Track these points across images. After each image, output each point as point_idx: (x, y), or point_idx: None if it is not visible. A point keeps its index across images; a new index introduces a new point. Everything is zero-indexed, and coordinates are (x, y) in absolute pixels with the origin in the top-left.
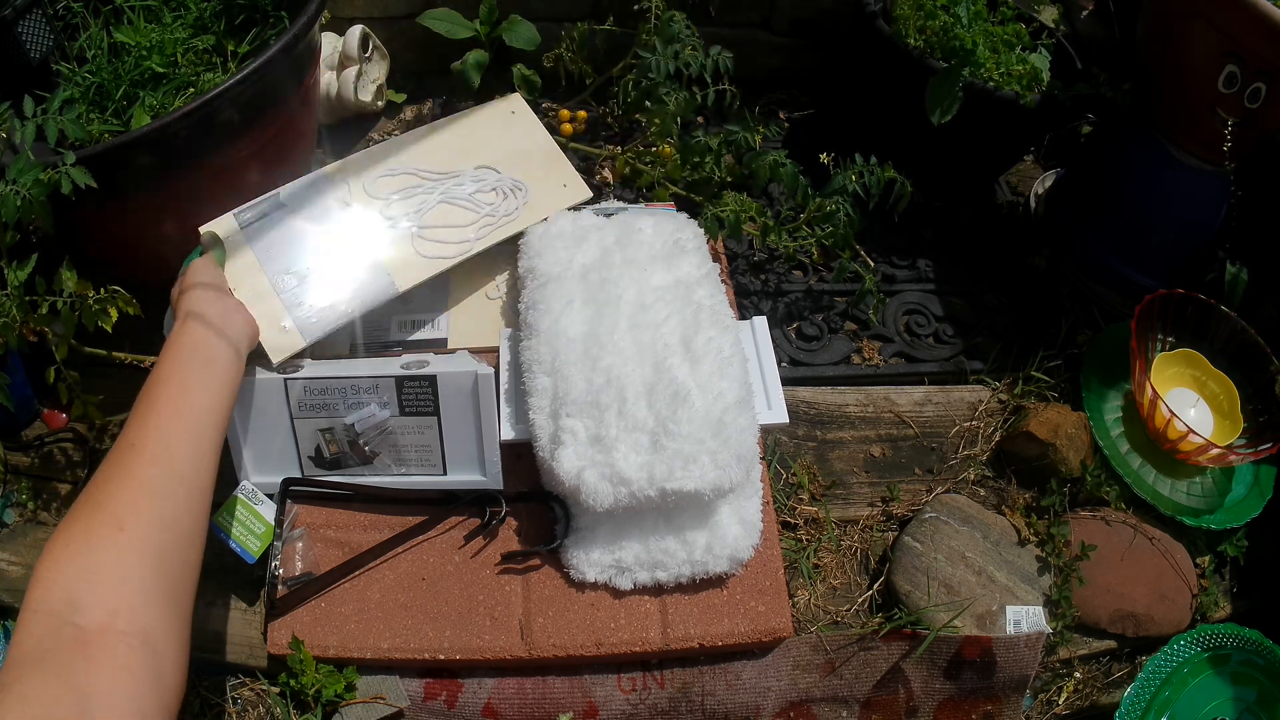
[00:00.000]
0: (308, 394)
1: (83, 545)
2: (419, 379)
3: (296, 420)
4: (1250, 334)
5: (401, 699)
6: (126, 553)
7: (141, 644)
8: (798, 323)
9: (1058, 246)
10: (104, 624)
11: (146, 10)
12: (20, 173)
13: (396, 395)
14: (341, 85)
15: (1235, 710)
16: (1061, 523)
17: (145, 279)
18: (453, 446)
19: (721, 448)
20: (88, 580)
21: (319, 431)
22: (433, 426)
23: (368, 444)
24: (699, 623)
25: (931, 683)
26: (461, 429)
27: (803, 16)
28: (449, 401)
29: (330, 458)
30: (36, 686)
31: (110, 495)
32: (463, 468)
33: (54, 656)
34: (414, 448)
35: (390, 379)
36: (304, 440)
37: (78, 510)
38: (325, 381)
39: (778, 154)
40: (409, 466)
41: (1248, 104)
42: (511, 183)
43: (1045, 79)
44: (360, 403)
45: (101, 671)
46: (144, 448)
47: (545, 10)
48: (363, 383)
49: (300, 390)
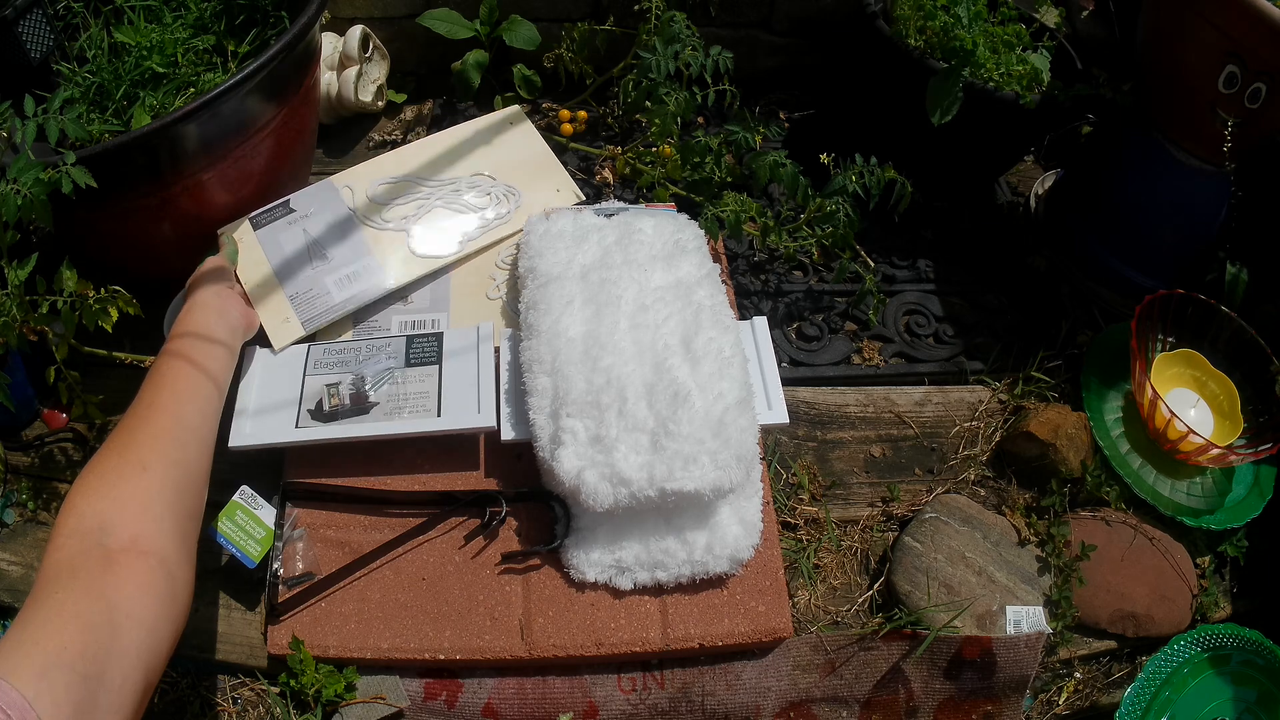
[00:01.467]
0: (327, 354)
1: (114, 479)
2: (427, 336)
3: (308, 378)
4: (1250, 334)
5: (401, 699)
6: (149, 488)
7: (159, 564)
8: (798, 323)
9: (1058, 246)
10: (128, 546)
11: (147, 10)
12: (21, 172)
13: (405, 350)
14: (341, 85)
15: (1235, 710)
16: (1061, 523)
17: (145, 279)
18: (450, 392)
19: (722, 448)
20: (118, 509)
21: (325, 386)
22: (433, 375)
23: (371, 392)
24: (699, 623)
25: (931, 683)
26: (461, 376)
27: (803, 16)
28: (452, 352)
29: (328, 410)
30: (72, 594)
31: (135, 441)
32: (458, 409)
33: (85, 571)
34: (413, 395)
35: (402, 339)
36: (308, 396)
37: (108, 451)
38: (344, 344)
39: (778, 154)
40: (405, 413)
41: (1248, 104)
42: (505, 189)
43: (1045, 79)
44: (374, 359)
45: (126, 585)
46: (161, 405)
47: (545, 10)
48: (378, 343)
49: (320, 352)
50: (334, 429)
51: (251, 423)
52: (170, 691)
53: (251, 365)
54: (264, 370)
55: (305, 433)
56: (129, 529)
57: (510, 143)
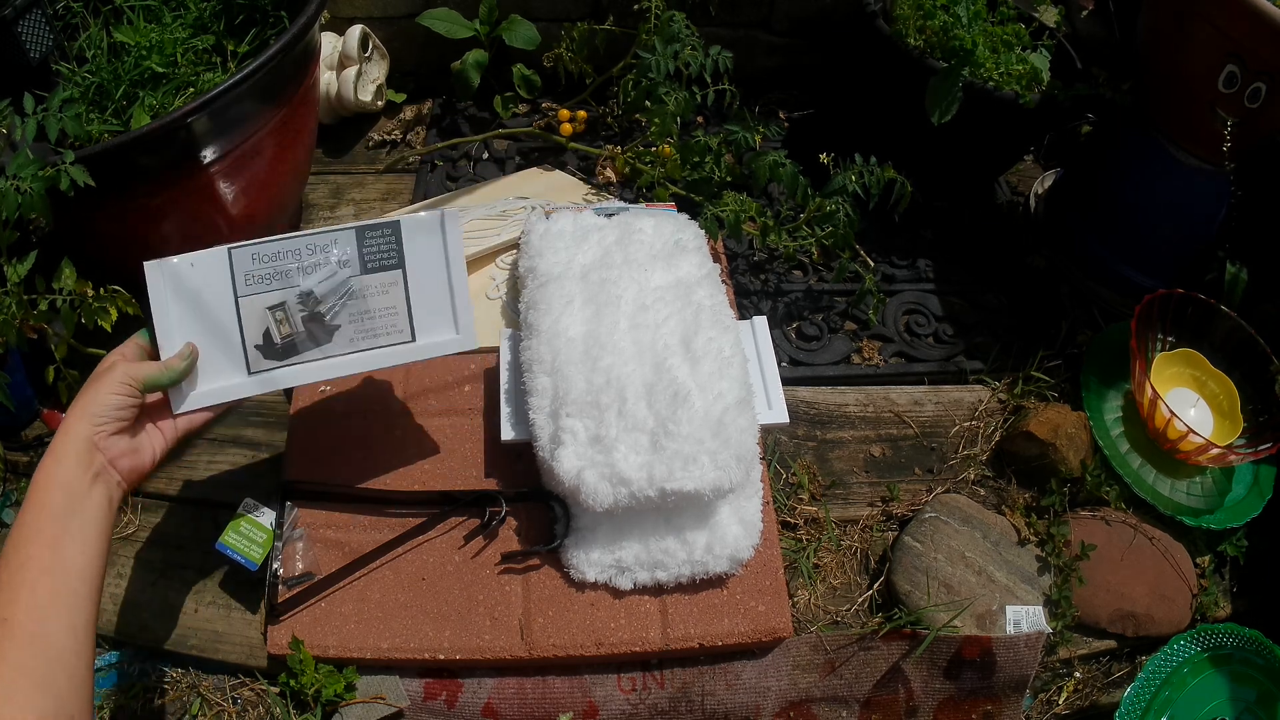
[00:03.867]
0: (256, 263)
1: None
2: (380, 227)
3: (242, 300)
4: (1250, 334)
5: (401, 699)
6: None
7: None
8: (798, 323)
9: (1058, 246)
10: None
11: (146, 10)
12: (20, 169)
13: (358, 250)
14: (341, 85)
15: (1235, 710)
16: (1061, 523)
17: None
18: (421, 304)
19: (721, 448)
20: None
21: (268, 311)
22: (398, 283)
23: (328, 313)
24: (699, 623)
25: (931, 682)
26: (429, 281)
27: (803, 16)
28: (415, 250)
29: (282, 342)
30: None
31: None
32: (433, 328)
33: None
34: (379, 312)
35: (349, 231)
36: (250, 325)
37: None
38: (277, 245)
39: (778, 154)
40: (375, 337)
41: (1248, 104)
42: (544, 203)
43: (1045, 79)
44: (317, 263)
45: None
46: (18, 625)
47: (545, 10)
48: (319, 240)
49: (247, 260)
50: (299, 370)
51: (188, 377)
52: (170, 691)
53: (159, 292)
54: (178, 298)
55: (264, 379)
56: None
57: (545, 181)
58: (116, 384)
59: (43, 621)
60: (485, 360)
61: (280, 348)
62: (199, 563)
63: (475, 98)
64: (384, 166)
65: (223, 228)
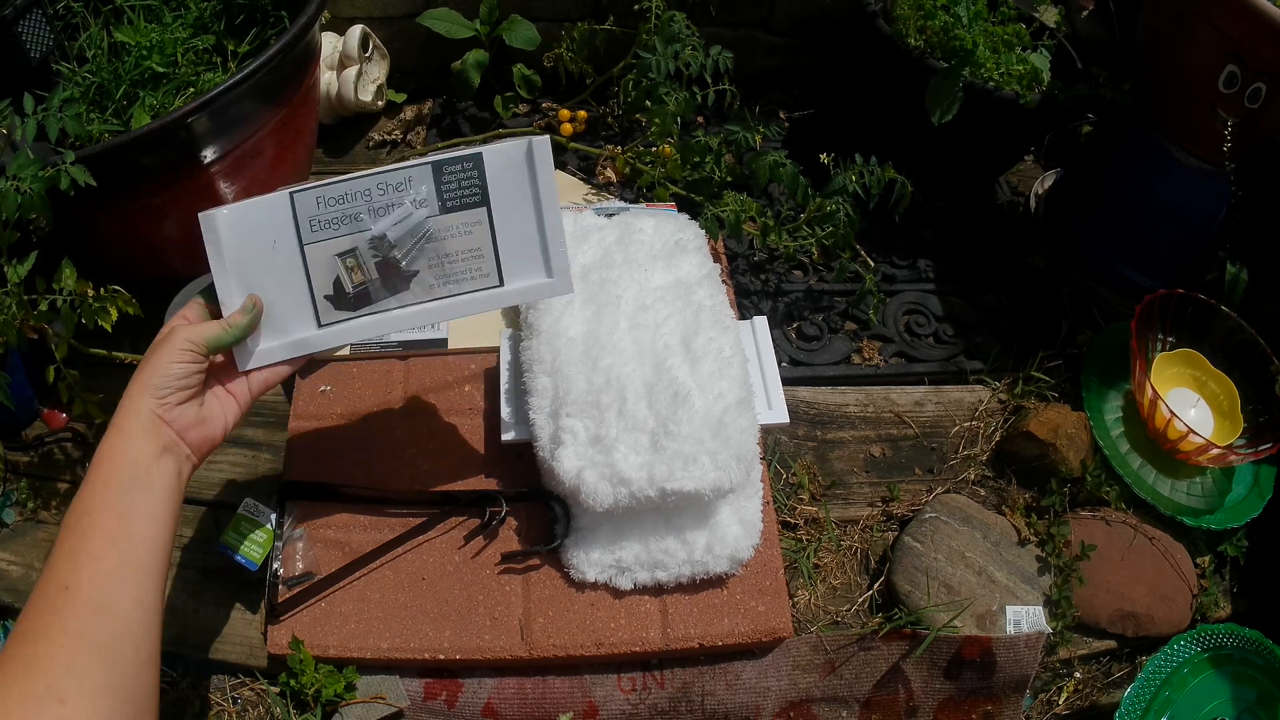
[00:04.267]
0: (321, 206)
1: (17, 715)
2: (459, 160)
3: (308, 248)
4: (1250, 334)
5: (401, 699)
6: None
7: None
8: (798, 323)
9: (1058, 246)
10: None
11: (146, 10)
12: (20, 169)
13: (435, 187)
14: (341, 85)
15: (1235, 710)
16: (1061, 523)
17: (145, 279)
18: (508, 244)
19: (721, 448)
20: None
21: (337, 258)
22: (482, 221)
23: (404, 258)
24: (699, 623)
25: (931, 683)
26: (517, 219)
27: (803, 16)
28: (500, 184)
29: (354, 291)
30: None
31: (44, 657)
32: (522, 270)
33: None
34: (461, 255)
35: (425, 166)
36: (318, 274)
37: (5, 671)
38: (344, 186)
39: (778, 154)
40: (458, 282)
41: (1248, 104)
42: None
43: (1045, 79)
44: (390, 204)
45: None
46: (80, 593)
47: (545, 10)
48: (391, 178)
49: (311, 204)
50: (373, 320)
51: (253, 333)
52: (170, 691)
53: (216, 245)
54: (237, 251)
55: (336, 331)
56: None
57: None
58: (176, 351)
59: (108, 591)
60: (485, 360)
61: (352, 297)
62: (199, 563)
63: (475, 98)
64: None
65: None
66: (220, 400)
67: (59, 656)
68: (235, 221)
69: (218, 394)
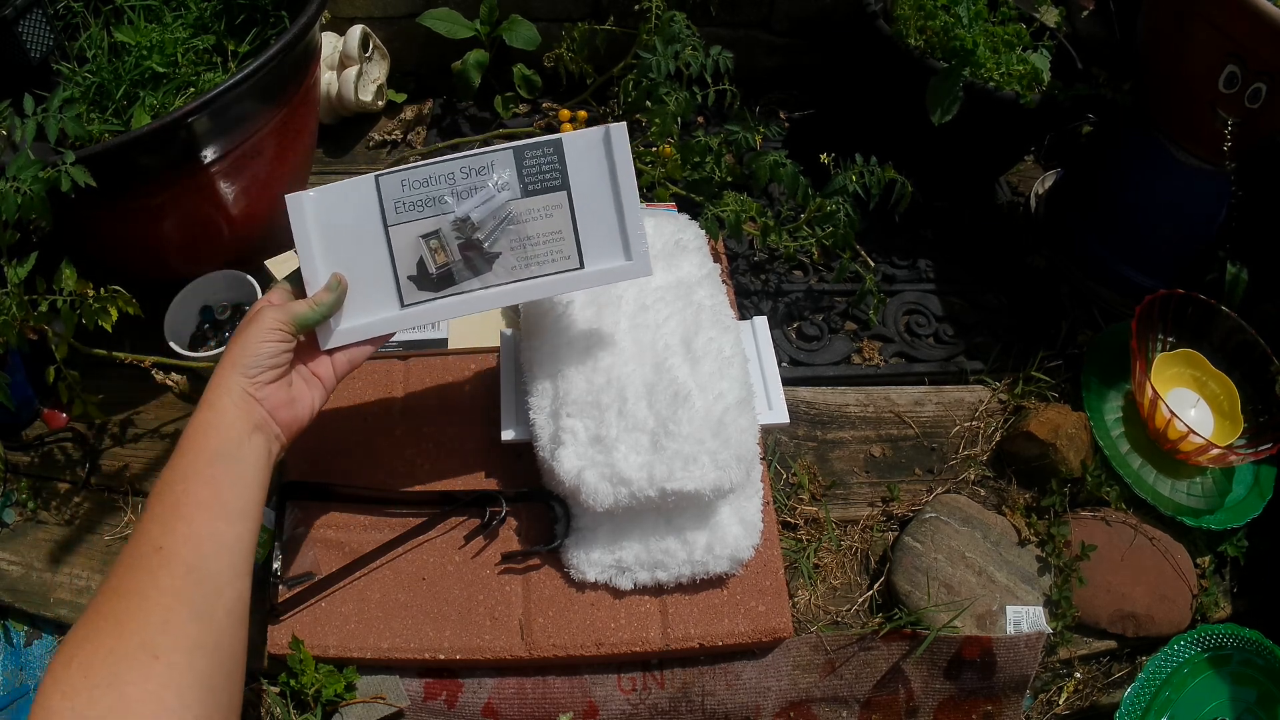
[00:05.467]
0: (406, 189)
1: (107, 676)
2: (540, 146)
3: (392, 230)
4: (1250, 334)
5: (401, 699)
6: (164, 688)
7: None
8: (798, 323)
9: (1058, 246)
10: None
11: (147, 10)
12: (20, 170)
13: (517, 171)
14: (342, 85)
15: (1235, 710)
16: (1061, 523)
17: (146, 279)
18: (588, 228)
19: (722, 448)
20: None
21: (421, 240)
22: (562, 205)
23: (487, 240)
24: (699, 623)
25: (931, 683)
26: (596, 203)
27: (803, 16)
28: (579, 168)
29: (438, 272)
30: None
31: (136, 611)
32: (602, 253)
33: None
34: (542, 238)
35: (507, 151)
36: (402, 255)
37: (93, 626)
38: (428, 170)
39: (778, 154)
40: (539, 264)
41: (1248, 104)
42: None
43: (1045, 79)
44: (473, 187)
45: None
46: (174, 554)
47: (545, 10)
48: (474, 162)
49: (396, 186)
50: (456, 301)
51: (335, 313)
52: None
53: (302, 226)
54: (323, 232)
55: (418, 311)
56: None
57: None
58: (265, 330)
59: (201, 555)
60: (485, 360)
61: (435, 278)
62: None
63: (476, 98)
64: (385, 167)
65: (223, 227)
66: (307, 382)
67: (153, 613)
68: (321, 204)
69: (304, 376)
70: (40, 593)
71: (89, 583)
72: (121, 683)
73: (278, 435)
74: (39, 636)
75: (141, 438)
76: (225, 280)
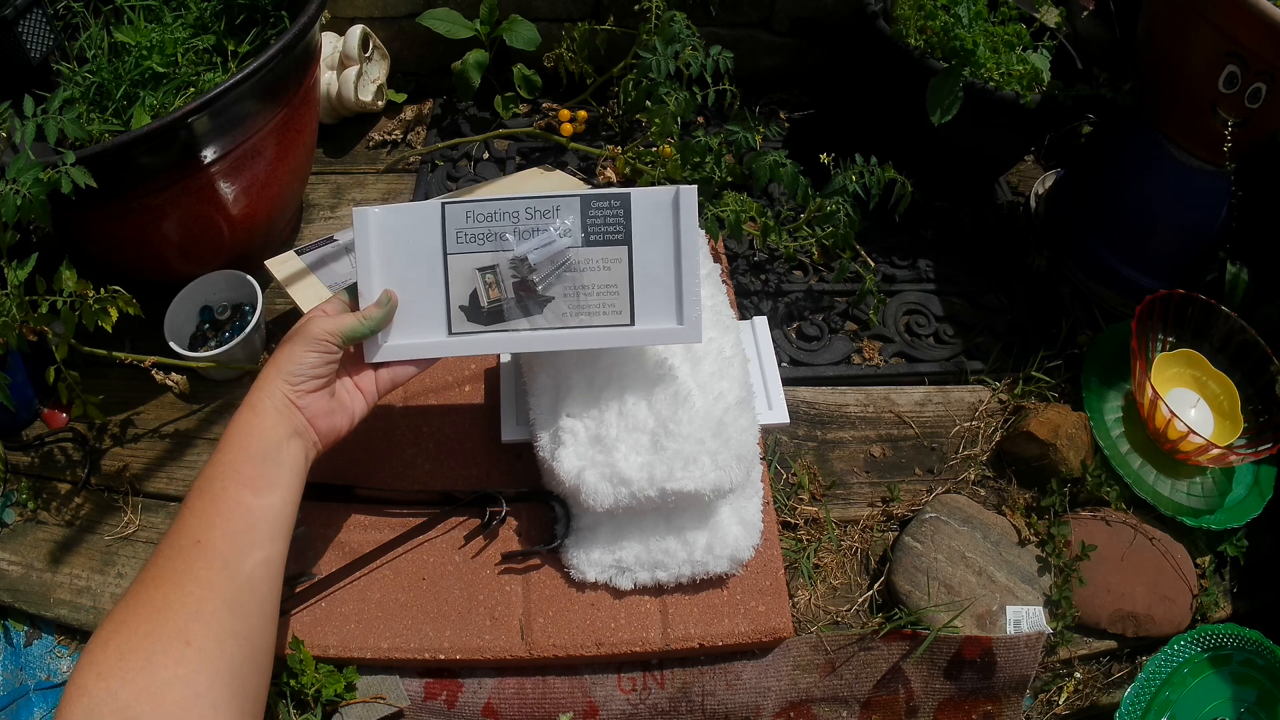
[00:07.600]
0: (470, 220)
1: (141, 660)
2: (608, 197)
3: (451, 258)
4: (1251, 334)
5: (402, 699)
6: (196, 672)
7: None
8: (798, 323)
9: (1058, 246)
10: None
11: (147, 10)
12: (20, 172)
13: (581, 219)
14: (342, 85)
15: (1235, 710)
16: (1062, 523)
17: (146, 279)
18: (644, 286)
19: (722, 448)
20: (151, 703)
21: (477, 272)
22: (622, 259)
23: (542, 282)
24: (699, 623)
25: (931, 683)
26: (656, 262)
27: (803, 16)
28: (644, 224)
29: (489, 306)
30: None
31: (173, 600)
32: (654, 313)
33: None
34: (597, 289)
35: (574, 198)
36: (456, 284)
37: (131, 612)
38: (493, 205)
39: (778, 154)
40: (589, 314)
41: (1248, 104)
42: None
43: (1046, 79)
44: (535, 229)
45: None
46: (211, 547)
47: (545, 10)
48: (540, 204)
49: (461, 216)
50: (501, 338)
51: (384, 329)
52: None
53: (365, 240)
54: (384, 249)
55: (464, 342)
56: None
57: (547, 181)
58: (312, 340)
59: (238, 549)
60: (485, 360)
61: (486, 312)
62: None
63: (476, 98)
64: (384, 166)
65: (223, 228)
66: (349, 394)
67: (189, 601)
68: (386, 221)
69: (348, 388)
70: (40, 593)
71: (89, 583)
72: (155, 666)
73: (315, 443)
74: (39, 636)
75: (141, 438)
76: (225, 280)
